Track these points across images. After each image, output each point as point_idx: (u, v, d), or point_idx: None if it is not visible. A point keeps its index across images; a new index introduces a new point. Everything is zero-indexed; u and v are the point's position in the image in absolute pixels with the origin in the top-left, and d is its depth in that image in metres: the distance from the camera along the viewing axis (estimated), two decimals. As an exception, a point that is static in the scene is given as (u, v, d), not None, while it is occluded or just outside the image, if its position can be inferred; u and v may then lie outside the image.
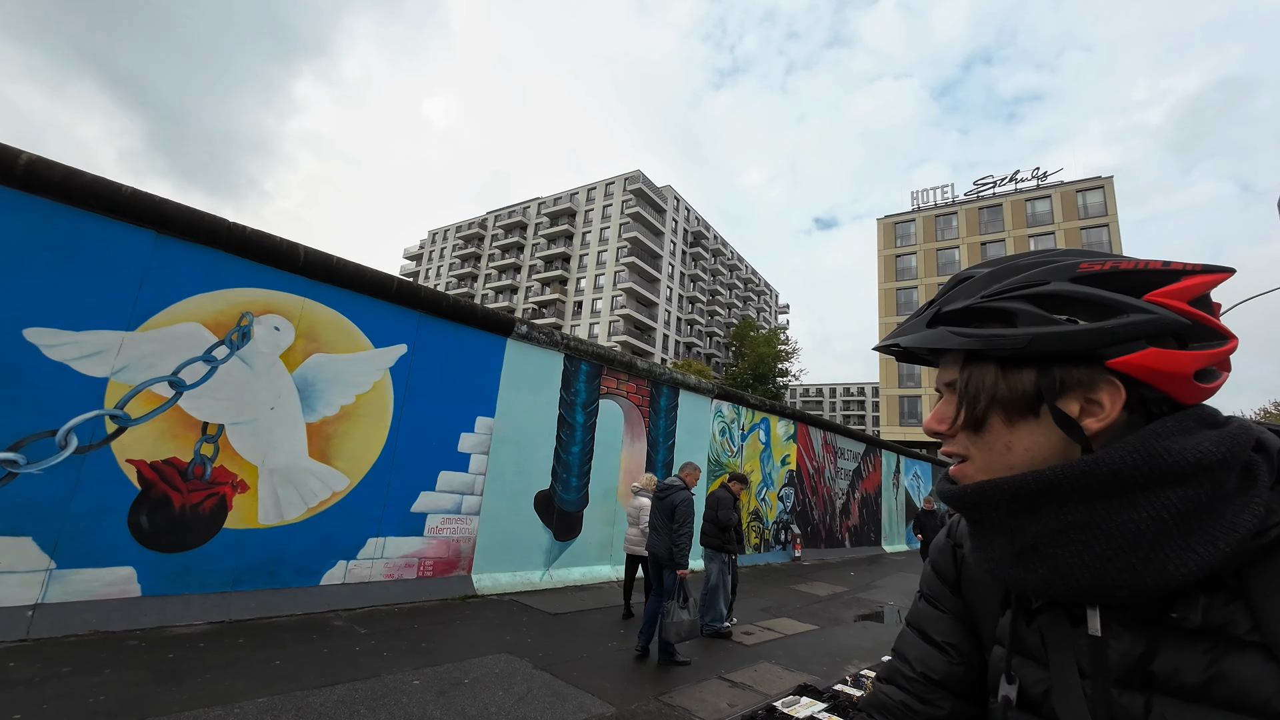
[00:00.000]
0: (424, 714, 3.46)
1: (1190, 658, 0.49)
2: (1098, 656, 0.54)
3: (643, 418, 9.47)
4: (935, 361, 0.69)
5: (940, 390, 0.66)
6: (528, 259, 57.90)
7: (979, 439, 0.60)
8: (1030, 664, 0.61)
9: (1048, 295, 0.57)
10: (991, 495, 0.57)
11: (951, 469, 0.64)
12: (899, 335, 0.66)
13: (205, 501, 4.96)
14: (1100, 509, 0.52)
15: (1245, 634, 0.48)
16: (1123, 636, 0.53)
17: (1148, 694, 0.51)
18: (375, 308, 6.21)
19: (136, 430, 4.67)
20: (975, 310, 0.60)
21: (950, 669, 0.70)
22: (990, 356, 0.58)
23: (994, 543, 0.60)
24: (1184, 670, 0.50)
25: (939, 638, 0.72)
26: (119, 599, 4.44)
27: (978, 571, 0.68)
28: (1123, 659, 0.53)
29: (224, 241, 5.19)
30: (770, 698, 4.26)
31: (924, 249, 41.95)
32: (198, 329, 5.05)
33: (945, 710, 0.69)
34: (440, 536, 6.52)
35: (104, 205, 4.61)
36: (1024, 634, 0.62)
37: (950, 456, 0.63)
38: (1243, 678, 0.47)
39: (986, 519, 0.60)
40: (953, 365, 0.63)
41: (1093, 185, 37.57)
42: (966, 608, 0.72)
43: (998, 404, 0.58)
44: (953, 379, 0.62)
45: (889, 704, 0.72)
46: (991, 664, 0.66)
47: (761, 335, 41.57)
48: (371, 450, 6.05)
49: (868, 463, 16.88)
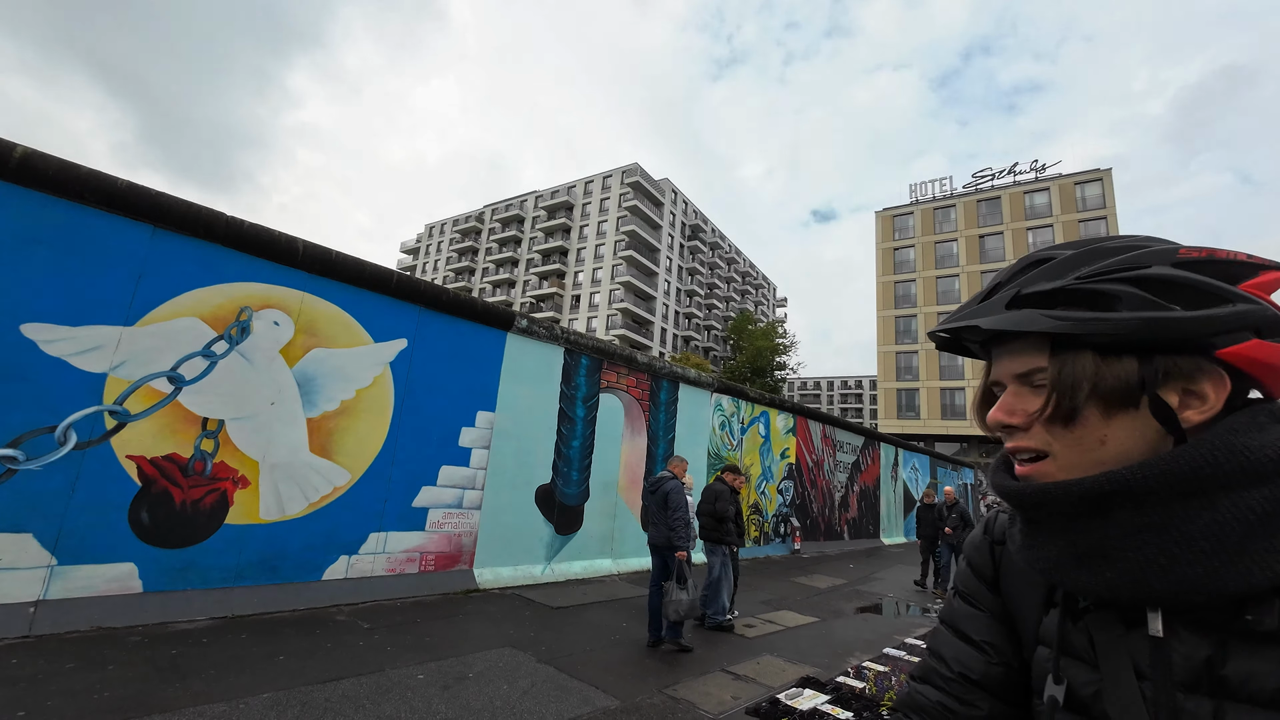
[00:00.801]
0: (429, 708, 3.46)
1: (1265, 664, 0.48)
2: (1160, 659, 0.53)
3: (643, 412, 9.47)
4: (979, 353, 0.66)
5: (1002, 382, 0.61)
6: (525, 253, 57.72)
7: (1067, 433, 0.56)
8: (1077, 664, 0.59)
9: (1153, 279, 0.53)
10: (1071, 496, 0.54)
11: (1025, 467, 0.59)
12: (973, 317, 0.60)
13: (206, 497, 4.94)
14: (1179, 511, 0.50)
15: None
16: (1187, 639, 0.52)
17: (1218, 699, 0.49)
18: (375, 302, 6.17)
19: (136, 426, 4.64)
20: (1068, 292, 0.56)
21: (989, 669, 0.69)
22: (1088, 343, 0.54)
23: (1053, 543, 0.57)
24: (1259, 676, 0.48)
25: (977, 637, 0.71)
26: (121, 595, 4.43)
27: (1027, 570, 0.66)
28: (1187, 661, 0.51)
29: (222, 236, 5.14)
30: (774, 690, 4.28)
31: (922, 242, 41.94)
32: (196, 324, 5.01)
33: (984, 711, 0.68)
34: (442, 531, 6.52)
35: (100, 199, 4.56)
36: (1070, 634, 0.60)
37: (1021, 452, 0.59)
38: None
39: (1048, 519, 0.57)
40: (1032, 353, 0.58)
41: (1091, 178, 37.56)
42: (1005, 606, 0.71)
43: (1097, 395, 0.54)
44: (1032, 368, 0.58)
45: (925, 704, 0.71)
46: (1035, 664, 0.65)
47: (759, 329, 41.63)
48: (372, 445, 6.03)
49: (866, 455, 16.93)
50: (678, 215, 56.65)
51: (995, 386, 0.63)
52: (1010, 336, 0.59)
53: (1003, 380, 0.61)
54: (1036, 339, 0.57)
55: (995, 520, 0.74)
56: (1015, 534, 0.64)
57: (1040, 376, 0.57)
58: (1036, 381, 0.57)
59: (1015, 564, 0.69)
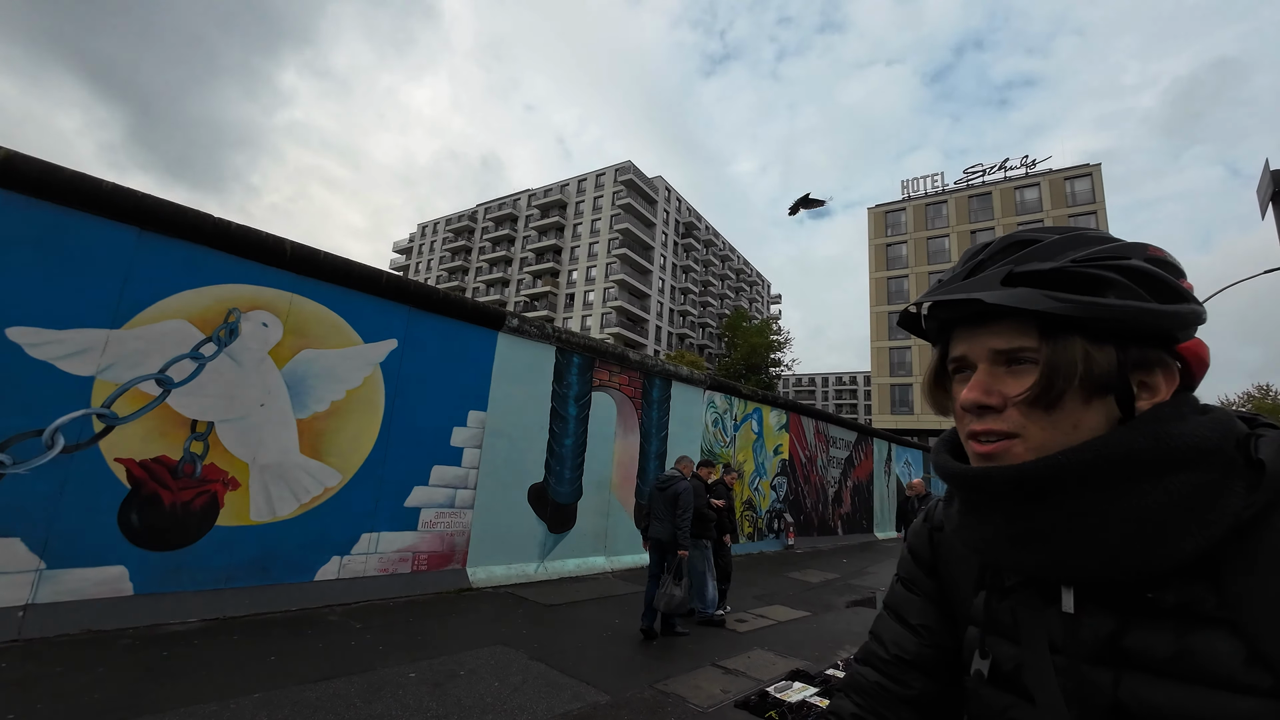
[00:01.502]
0: (420, 706, 3.48)
1: (1159, 635, 0.51)
2: (1070, 633, 0.56)
3: (635, 410, 9.50)
4: (932, 333, 0.66)
5: (970, 360, 0.60)
6: (519, 251, 57.59)
7: (1045, 416, 0.55)
8: (1003, 641, 0.62)
9: (1136, 270, 0.55)
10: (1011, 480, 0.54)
11: (987, 447, 0.57)
12: (967, 291, 0.58)
13: (196, 499, 4.94)
14: (1107, 494, 0.52)
15: (1212, 611, 0.49)
16: (1095, 614, 0.55)
17: (1117, 669, 0.53)
18: (364, 302, 6.17)
19: (124, 429, 4.63)
20: (1064, 274, 0.55)
21: (922, 650, 0.72)
22: (1081, 327, 0.54)
23: (989, 524, 0.58)
24: (1153, 646, 0.51)
25: (913, 620, 0.74)
26: (111, 598, 4.43)
27: (963, 550, 0.69)
28: (1094, 635, 0.54)
29: (209, 237, 5.13)
30: (763, 683, 4.33)
31: (914, 238, 42.10)
32: (184, 326, 5.00)
33: (917, 690, 0.71)
34: (434, 530, 6.53)
35: (84, 201, 4.54)
36: (997, 612, 0.63)
37: (989, 434, 0.57)
38: (1208, 653, 0.48)
39: (987, 502, 0.58)
40: (1017, 332, 0.57)
41: (1081, 173, 37.80)
42: (941, 589, 0.74)
43: (1084, 380, 0.54)
44: (1016, 346, 0.56)
45: (864, 685, 0.74)
46: (966, 642, 0.68)
47: (754, 326, 41.70)
48: (363, 446, 6.03)
49: (859, 451, 17.02)
50: (671, 213, 56.66)
51: (957, 365, 0.63)
52: (995, 315, 0.58)
53: (972, 358, 0.60)
54: (1023, 319, 0.56)
55: (936, 508, 0.77)
56: (953, 514, 0.65)
57: (1026, 355, 0.56)
58: (1022, 359, 0.56)
59: (951, 548, 0.73)
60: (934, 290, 0.62)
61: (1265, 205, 4.69)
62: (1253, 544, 0.49)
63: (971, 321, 0.60)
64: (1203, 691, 0.48)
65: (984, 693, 0.62)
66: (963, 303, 0.59)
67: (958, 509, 0.64)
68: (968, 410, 0.59)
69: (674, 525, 5.47)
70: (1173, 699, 0.49)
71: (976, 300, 0.57)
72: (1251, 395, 42.05)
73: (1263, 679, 0.46)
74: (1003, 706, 0.60)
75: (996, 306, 0.56)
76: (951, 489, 0.65)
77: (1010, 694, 0.60)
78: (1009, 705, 0.60)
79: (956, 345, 0.62)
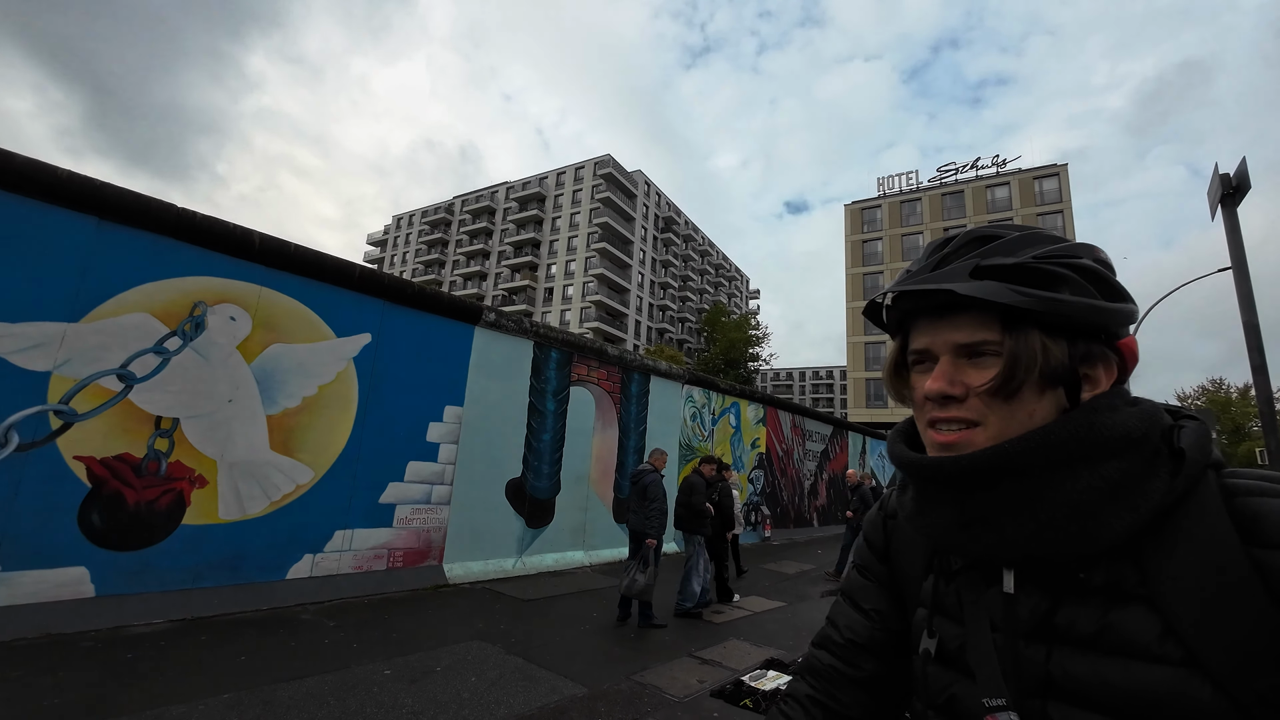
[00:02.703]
0: (395, 702, 3.46)
1: (1085, 611, 0.54)
2: (1009, 612, 0.59)
3: (614, 404, 9.51)
4: (890, 325, 0.68)
5: (932, 351, 0.62)
6: (496, 245, 56.96)
7: (1004, 406, 0.58)
8: (948, 622, 0.65)
9: (1086, 269, 0.58)
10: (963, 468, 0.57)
11: (949, 435, 0.60)
12: (938, 282, 0.60)
13: (161, 498, 4.81)
14: (1048, 481, 0.55)
15: (1133, 588, 0.53)
16: (1033, 594, 0.58)
17: (1049, 645, 0.56)
18: (337, 296, 6.05)
19: (84, 426, 4.48)
20: (1025, 269, 0.58)
21: (873, 634, 0.75)
22: (1039, 321, 0.57)
23: (942, 511, 0.61)
24: (1079, 622, 0.54)
25: (866, 605, 0.77)
26: (71, 600, 4.29)
27: (916, 537, 0.72)
28: (1030, 614, 0.57)
29: (172, 228, 4.97)
30: (739, 672, 4.40)
31: (890, 234, 42.82)
32: (147, 319, 4.85)
33: (868, 672, 0.74)
34: (410, 527, 6.47)
35: (39, 189, 4.36)
36: (944, 594, 0.67)
37: (952, 423, 0.60)
38: (1128, 627, 0.52)
39: (940, 489, 0.61)
40: (978, 325, 0.59)
41: (1049, 173, 38.86)
42: (893, 575, 0.77)
43: (1041, 372, 0.57)
44: (978, 339, 0.59)
45: (819, 667, 0.77)
46: (915, 624, 0.71)
47: (732, 321, 41.99)
48: (336, 442, 5.93)
49: (835, 444, 17.32)
50: (651, 208, 56.61)
51: (918, 357, 0.64)
52: (958, 308, 0.60)
53: (935, 350, 0.62)
54: (986, 312, 0.58)
55: (890, 498, 0.80)
56: (906, 502, 0.68)
57: (988, 348, 0.58)
58: (984, 351, 0.58)
59: (904, 534, 0.76)
60: (903, 280, 0.63)
61: (1214, 207, 4.89)
62: (1171, 527, 0.53)
63: (933, 314, 0.62)
64: (1121, 662, 0.51)
65: (930, 671, 0.65)
66: (927, 295, 0.61)
67: (911, 497, 0.67)
68: (931, 400, 0.61)
69: (644, 516, 5.69)
70: (1095, 670, 0.52)
71: (943, 292, 0.59)
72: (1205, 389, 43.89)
73: (1175, 651, 0.49)
74: (946, 683, 0.63)
75: (959, 300, 0.58)
76: (906, 477, 0.68)
77: (953, 671, 0.63)
78: (952, 682, 0.63)
79: (917, 338, 0.64)
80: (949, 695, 0.63)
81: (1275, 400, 4.52)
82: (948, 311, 0.61)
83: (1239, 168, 4.73)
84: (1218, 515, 0.52)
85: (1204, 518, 0.52)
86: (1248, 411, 39.55)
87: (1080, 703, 0.53)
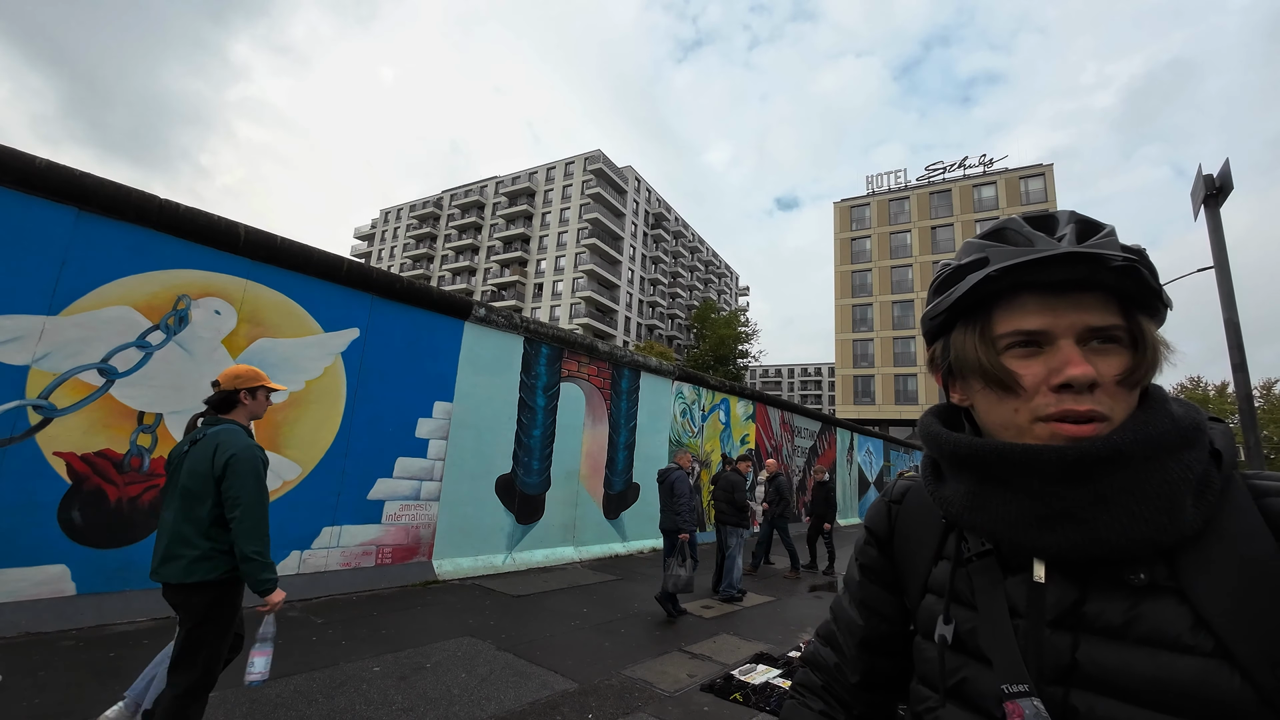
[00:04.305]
0: (385, 699, 3.44)
1: (1115, 602, 0.54)
2: (1035, 600, 0.58)
3: (604, 400, 9.50)
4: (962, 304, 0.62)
5: (1051, 334, 0.57)
6: (486, 240, 56.57)
7: (1127, 397, 0.57)
8: (959, 607, 0.65)
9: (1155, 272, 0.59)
10: (1067, 460, 0.55)
11: (1083, 428, 0.55)
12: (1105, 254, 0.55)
13: (145, 494, 4.72)
14: (1143, 472, 0.54)
15: (1163, 580, 0.53)
16: (1060, 584, 0.57)
17: (1076, 633, 0.56)
18: (324, 290, 5.97)
19: (64, 421, 4.39)
20: (1144, 257, 0.57)
21: (872, 628, 0.76)
22: (1152, 310, 0.58)
23: (1011, 508, 0.58)
24: (1108, 612, 0.54)
25: (865, 599, 0.78)
26: (51, 599, 4.21)
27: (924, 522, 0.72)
28: (1058, 603, 0.57)
29: (155, 220, 4.87)
30: (728, 667, 4.43)
31: (878, 232, 43.13)
32: (129, 313, 4.75)
33: (867, 664, 0.75)
34: (399, 523, 6.42)
35: (16, 179, 4.24)
36: (956, 579, 0.66)
37: (1080, 415, 0.55)
38: (1157, 618, 0.52)
39: (1021, 481, 0.57)
40: (1109, 311, 0.57)
41: (1034, 173, 39.33)
42: (894, 564, 0.76)
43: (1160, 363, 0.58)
44: (1112, 324, 0.57)
45: (822, 663, 0.79)
46: (923, 610, 0.70)
47: (722, 317, 42.07)
48: (324, 438, 5.87)
49: (823, 440, 17.45)
50: (641, 204, 56.49)
51: (1022, 338, 0.59)
52: (1084, 287, 0.57)
53: (1055, 332, 0.57)
54: (1108, 296, 0.57)
55: (894, 486, 0.80)
56: (954, 496, 0.64)
57: (1116, 333, 0.57)
58: (1113, 337, 0.57)
59: (911, 521, 0.75)
60: (1069, 246, 0.57)
61: (1197, 208, 4.97)
62: None
63: (1050, 291, 0.57)
64: (1150, 652, 0.52)
65: (945, 656, 0.65)
66: (1047, 268, 0.56)
67: (967, 490, 0.62)
68: (1071, 388, 0.55)
69: (674, 513, 5.98)
70: (1124, 659, 0.53)
71: (1068, 268, 0.55)
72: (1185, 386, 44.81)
73: (1206, 642, 0.50)
74: (956, 667, 0.63)
75: (1085, 279, 0.56)
76: (962, 468, 0.63)
77: (963, 655, 0.63)
78: (961, 666, 0.63)
79: (1025, 318, 0.58)
80: (960, 679, 0.63)
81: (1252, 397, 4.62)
82: (1069, 290, 0.57)
83: (1222, 169, 4.82)
84: (1249, 513, 0.53)
85: (1236, 514, 0.54)
86: (1225, 409, 40.45)
87: (1105, 691, 0.53)
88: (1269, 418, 38.89)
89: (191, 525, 2.31)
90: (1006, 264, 0.58)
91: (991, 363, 0.60)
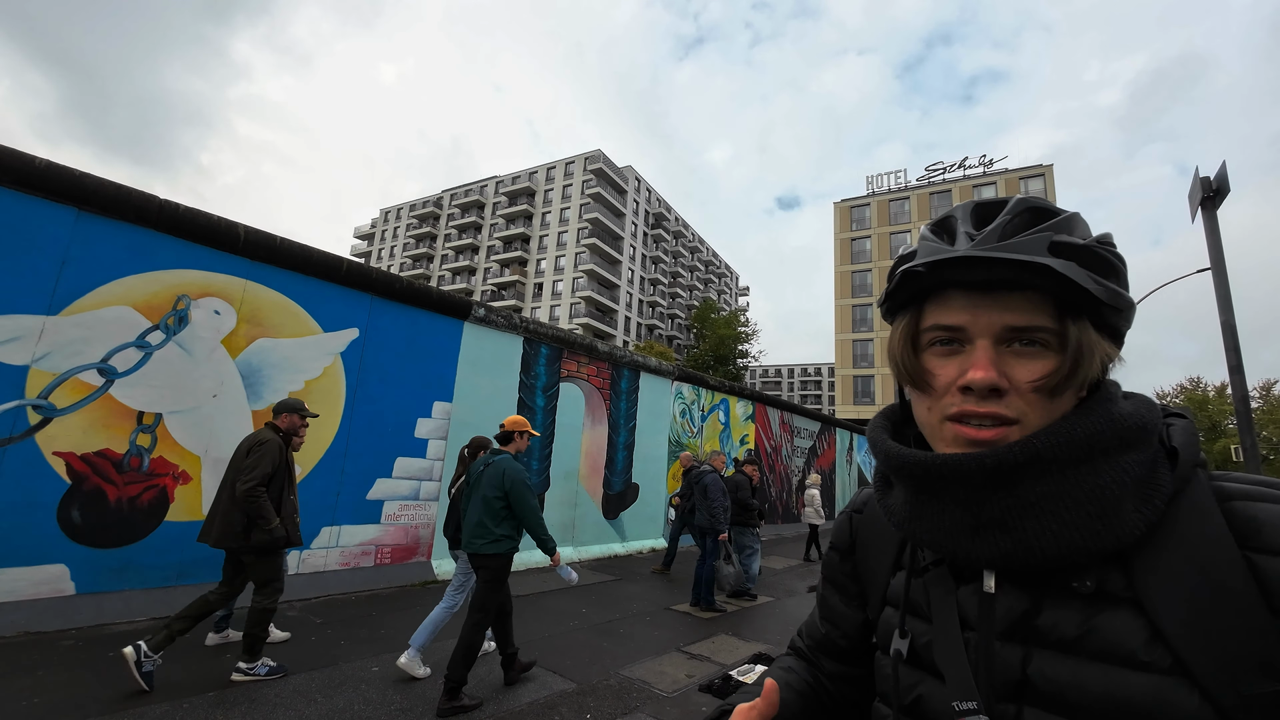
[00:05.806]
0: (383, 700, 3.45)
1: (1069, 614, 0.51)
2: (985, 611, 0.55)
3: (604, 400, 9.51)
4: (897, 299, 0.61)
5: (966, 332, 0.55)
6: (486, 239, 56.57)
7: (1047, 403, 0.53)
8: (916, 620, 0.62)
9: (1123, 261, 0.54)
10: (985, 468, 0.52)
11: (984, 432, 0.53)
12: (1024, 253, 0.52)
13: (144, 494, 4.73)
14: (1071, 477, 0.51)
15: (1120, 591, 0.50)
16: (1011, 594, 0.54)
17: (1028, 646, 0.52)
18: (324, 290, 5.98)
19: (64, 421, 4.40)
20: (1093, 254, 0.52)
21: (831, 638, 0.76)
22: (1093, 313, 0.53)
23: (948, 514, 0.56)
24: (1062, 624, 0.51)
25: (828, 609, 0.78)
26: (51, 598, 4.22)
27: (887, 533, 0.70)
28: (1008, 614, 0.54)
29: (154, 220, 4.88)
30: (727, 667, 4.43)
31: (878, 232, 43.12)
32: (128, 313, 4.76)
33: (829, 671, 0.77)
34: (398, 523, 6.43)
35: (16, 179, 4.25)
36: (913, 591, 0.63)
37: (985, 418, 0.53)
38: (1114, 630, 0.49)
39: (950, 491, 0.55)
40: (1033, 309, 0.53)
41: (1034, 173, 39.34)
42: (857, 573, 0.75)
43: (1094, 369, 0.53)
44: (1037, 325, 0.53)
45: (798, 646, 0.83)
46: (882, 623, 0.67)
47: (722, 317, 42.05)
48: (323, 438, 5.88)
49: (823, 441, 17.46)
50: (641, 203, 56.50)
51: (946, 335, 0.57)
52: (1012, 285, 0.53)
53: (972, 331, 0.54)
54: (1040, 295, 0.53)
55: (857, 495, 0.79)
56: (896, 506, 0.62)
57: (1040, 336, 0.53)
58: (1035, 339, 0.53)
59: (870, 531, 0.73)
60: (975, 245, 0.54)
61: (1195, 209, 4.98)
62: (1161, 527, 0.51)
63: (975, 289, 0.55)
64: (1103, 668, 0.48)
65: (900, 671, 0.62)
66: (973, 266, 0.54)
67: (905, 499, 0.60)
68: (972, 390, 0.53)
69: (709, 514, 6.22)
70: (1076, 675, 0.49)
71: (996, 266, 0.52)
72: (1184, 387, 44.82)
73: (1163, 657, 0.46)
74: (912, 683, 0.60)
75: (1013, 278, 0.52)
76: (897, 477, 0.61)
77: (920, 671, 0.60)
78: (918, 682, 0.60)
79: (948, 313, 0.56)
80: (915, 696, 0.60)
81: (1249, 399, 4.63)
82: (995, 288, 0.54)
83: (1219, 171, 4.83)
84: (1211, 516, 0.50)
85: (1196, 518, 0.50)
86: (1224, 410, 40.45)
87: (1058, 709, 0.50)
88: (1268, 418, 38.90)
89: (491, 519, 3.60)
90: (929, 260, 0.56)
91: (905, 358, 0.59)
